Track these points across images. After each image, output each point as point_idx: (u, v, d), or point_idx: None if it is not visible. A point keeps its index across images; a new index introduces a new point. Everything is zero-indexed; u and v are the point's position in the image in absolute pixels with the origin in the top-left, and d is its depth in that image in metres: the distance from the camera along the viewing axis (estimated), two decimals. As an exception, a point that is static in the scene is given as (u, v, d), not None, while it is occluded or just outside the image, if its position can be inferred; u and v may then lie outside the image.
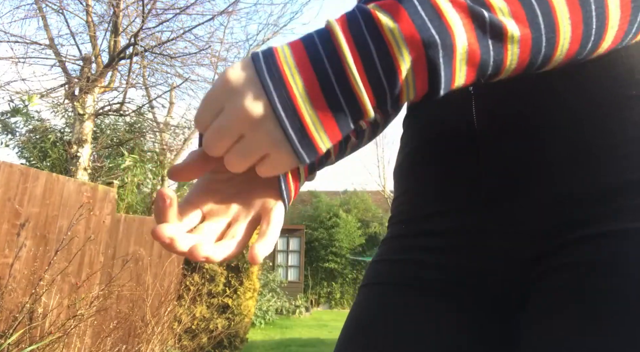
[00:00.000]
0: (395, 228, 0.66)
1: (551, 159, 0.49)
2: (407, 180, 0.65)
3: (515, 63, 0.39)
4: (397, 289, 0.59)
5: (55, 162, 7.76)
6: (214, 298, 5.22)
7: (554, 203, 0.49)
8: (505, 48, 0.38)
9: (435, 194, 0.59)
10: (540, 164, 0.50)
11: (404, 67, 0.36)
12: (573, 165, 0.48)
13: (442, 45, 0.36)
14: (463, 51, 0.37)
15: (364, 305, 0.63)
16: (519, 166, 0.51)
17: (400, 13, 0.36)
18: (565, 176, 0.49)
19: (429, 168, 0.60)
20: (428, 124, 0.62)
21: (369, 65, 0.36)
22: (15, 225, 2.87)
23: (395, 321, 0.57)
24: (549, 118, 0.50)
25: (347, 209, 15.12)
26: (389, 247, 0.65)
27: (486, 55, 0.37)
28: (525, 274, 0.51)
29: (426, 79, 0.37)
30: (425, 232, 0.59)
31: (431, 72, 0.37)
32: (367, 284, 0.64)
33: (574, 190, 0.48)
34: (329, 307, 13.91)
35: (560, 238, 0.48)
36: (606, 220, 0.46)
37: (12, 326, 2.39)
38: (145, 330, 3.70)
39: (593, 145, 0.48)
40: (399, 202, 0.66)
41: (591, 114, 0.48)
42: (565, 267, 0.47)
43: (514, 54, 0.38)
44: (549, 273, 0.48)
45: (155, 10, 6.31)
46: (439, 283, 0.57)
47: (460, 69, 0.38)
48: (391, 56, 0.36)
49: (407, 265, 0.60)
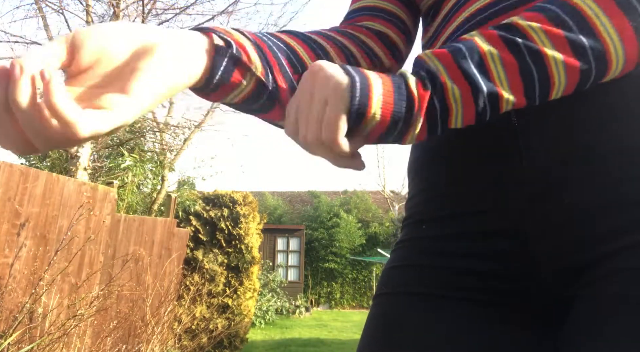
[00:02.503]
0: (413, 229, 0.60)
1: (599, 162, 0.47)
2: (429, 176, 0.59)
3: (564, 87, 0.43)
4: (436, 300, 0.54)
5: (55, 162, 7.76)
6: (214, 298, 5.22)
7: (600, 208, 0.46)
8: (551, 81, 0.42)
9: (467, 192, 0.54)
10: (587, 166, 0.47)
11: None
12: (621, 169, 0.46)
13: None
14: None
15: (393, 318, 0.56)
16: (565, 168, 0.48)
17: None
18: (613, 179, 0.46)
19: (459, 165, 0.55)
20: None
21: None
22: (15, 225, 2.87)
23: (440, 334, 0.52)
24: (597, 117, 0.47)
25: (348, 209, 15.11)
26: (411, 250, 0.59)
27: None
28: (568, 282, 0.48)
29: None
30: (458, 234, 0.54)
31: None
32: (393, 293, 0.58)
33: (621, 195, 0.45)
34: (329, 307, 13.91)
35: (607, 245, 0.45)
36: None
37: (12, 326, 2.39)
38: (145, 330, 3.70)
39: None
40: (417, 200, 0.61)
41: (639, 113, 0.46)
42: (614, 275, 0.44)
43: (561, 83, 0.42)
44: (596, 281, 0.45)
45: (155, 10, 6.31)
46: (479, 292, 0.52)
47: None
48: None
49: (441, 272, 0.55)
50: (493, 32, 0.42)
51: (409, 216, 0.62)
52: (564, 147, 0.48)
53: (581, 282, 0.47)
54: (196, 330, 4.91)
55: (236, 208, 5.72)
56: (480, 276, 0.52)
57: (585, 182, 0.47)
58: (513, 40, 0.41)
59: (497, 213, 0.51)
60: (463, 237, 0.54)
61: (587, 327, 0.45)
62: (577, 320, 0.46)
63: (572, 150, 0.47)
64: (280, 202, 16.01)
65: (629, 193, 0.45)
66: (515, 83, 0.42)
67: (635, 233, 0.44)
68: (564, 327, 0.48)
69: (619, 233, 0.45)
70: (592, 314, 0.45)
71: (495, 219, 0.51)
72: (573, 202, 0.47)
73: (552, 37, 0.41)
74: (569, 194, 0.47)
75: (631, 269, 0.43)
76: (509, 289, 0.51)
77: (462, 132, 0.54)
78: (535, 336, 0.51)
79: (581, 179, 0.47)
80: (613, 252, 0.45)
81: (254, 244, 5.71)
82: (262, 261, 9.54)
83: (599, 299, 0.45)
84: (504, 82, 0.42)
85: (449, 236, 0.55)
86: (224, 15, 7.09)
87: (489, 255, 0.52)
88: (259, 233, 6.00)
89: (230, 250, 5.53)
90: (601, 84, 0.45)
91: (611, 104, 0.47)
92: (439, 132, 0.45)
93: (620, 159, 0.46)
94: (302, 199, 16.84)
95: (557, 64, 0.41)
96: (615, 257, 0.45)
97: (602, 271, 0.45)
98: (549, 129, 0.48)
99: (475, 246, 0.53)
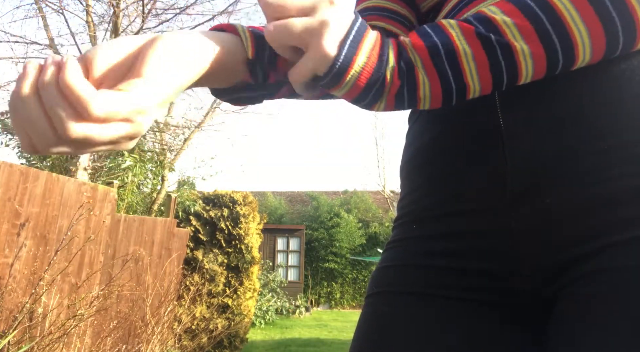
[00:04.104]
0: (404, 229, 0.61)
1: (581, 162, 0.47)
2: (418, 177, 0.60)
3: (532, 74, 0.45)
4: (425, 298, 0.55)
5: (55, 162, 7.76)
6: (214, 298, 5.23)
7: (585, 206, 0.46)
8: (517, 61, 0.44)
9: (454, 192, 0.55)
10: (572, 163, 0.47)
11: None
12: (602, 170, 0.46)
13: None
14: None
15: (385, 317, 0.57)
16: (549, 165, 0.48)
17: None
18: (594, 179, 0.46)
19: (446, 165, 0.56)
20: (442, 119, 0.58)
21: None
22: (15, 225, 2.87)
23: (432, 334, 0.53)
24: (582, 114, 0.48)
25: (348, 209, 15.12)
26: (403, 250, 0.60)
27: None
28: (551, 282, 0.49)
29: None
30: (445, 234, 0.55)
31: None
32: (383, 292, 0.59)
33: (602, 195, 0.46)
34: (329, 307, 13.91)
35: (593, 243, 0.46)
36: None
37: (12, 326, 2.39)
38: (145, 330, 3.70)
39: (629, 143, 0.46)
40: (407, 201, 0.61)
41: (628, 109, 0.46)
42: (594, 275, 0.45)
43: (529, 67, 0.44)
44: (582, 279, 0.46)
45: (155, 10, 6.31)
46: (467, 291, 0.53)
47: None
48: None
49: (429, 271, 0.56)
50: (470, 28, 0.44)
51: (400, 217, 0.63)
52: (548, 147, 0.48)
53: (562, 282, 0.48)
54: (196, 330, 4.91)
55: (236, 208, 5.72)
56: (468, 275, 0.53)
57: (567, 183, 0.47)
58: (487, 37, 0.43)
59: (483, 213, 0.52)
60: (451, 237, 0.55)
61: (566, 330, 0.45)
62: (558, 320, 0.47)
63: (555, 150, 0.48)
64: (280, 202, 16.01)
65: (609, 193, 0.46)
66: (485, 78, 0.45)
67: (615, 233, 0.45)
68: (546, 327, 0.49)
69: (600, 233, 0.46)
70: (570, 316, 0.46)
71: (481, 219, 0.52)
72: (555, 202, 0.48)
73: (524, 31, 0.43)
74: (551, 194, 0.48)
75: (611, 269, 0.44)
76: (496, 287, 0.52)
77: (449, 133, 0.56)
78: (520, 334, 0.52)
79: (563, 179, 0.48)
80: (593, 252, 0.46)
81: (254, 244, 5.71)
82: (262, 261, 9.54)
83: (577, 300, 0.46)
84: (474, 78, 0.45)
85: (437, 235, 0.56)
86: (224, 15, 7.09)
87: (476, 254, 0.53)
88: (259, 233, 6.00)
89: (230, 250, 5.53)
90: (586, 84, 0.47)
91: (597, 104, 0.47)
92: (405, 109, 0.49)
93: (601, 159, 0.46)
94: (302, 199, 16.84)
95: (526, 57, 0.44)
96: (595, 257, 0.45)
97: (581, 270, 0.46)
98: (533, 129, 0.49)
99: (463, 245, 0.54)
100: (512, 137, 0.50)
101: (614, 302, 0.43)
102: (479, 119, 0.53)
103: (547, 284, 0.50)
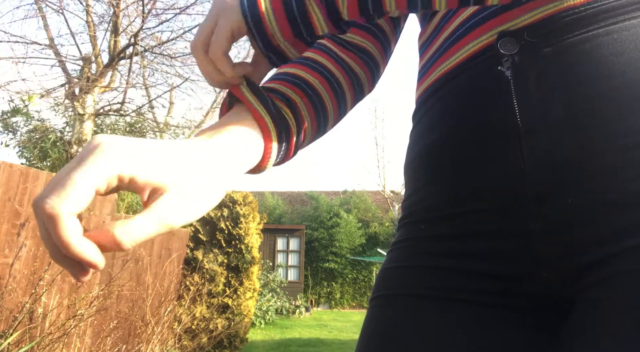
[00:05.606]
0: (411, 229, 0.58)
1: (603, 162, 0.44)
2: (426, 176, 0.57)
3: None
4: (434, 301, 0.53)
5: (55, 162, 7.76)
6: (214, 298, 5.23)
7: (604, 209, 0.44)
8: None
9: (467, 192, 0.52)
10: (595, 162, 0.45)
11: None
12: (626, 169, 0.44)
13: None
14: None
15: (392, 319, 0.55)
16: (569, 168, 0.46)
17: None
18: (617, 180, 0.44)
19: (457, 164, 0.53)
20: (452, 116, 0.54)
21: None
22: (15, 225, 2.87)
23: (441, 337, 0.51)
24: (602, 111, 0.45)
25: (347, 209, 15.12)
26: (411, 251, 0.57)
27: None
28: (571, 284, 0.47)
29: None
30: (456, 234, 0.53)
31: None
32: (391, 294, 0.57)
33: (626, 195, 0.43)
34: (329, 307, 13.92)
35: (614, 244, 0.44)
36: None
37: (12, 326, 2.39)
38: (145, 330, 3.70)
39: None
40: (413, 200, 0.59)
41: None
42: (616, 277, 0.43)
43: None
44: (601, 282, 0.44)
45: (155, 10, 6.31)
46: (479, 293, 0.51)
47: None
48: None
49: (440, 273, 0.53)
50: None
51: (405, 216, 0.60)
52: (568, 147, 0.46)
53: (583, 284, 0.46)
54: (196, 330, 4.91)
55: (236, 208, 5.72)
56: (479, 277, 0.51)
57: (589, 182, 0.45)
58: None
59: (499, 213, 0.49)
60: (462, 238, 0.52)
61: (585, 332, 0.44)
62: (574, 325, 0.45)
63: (576, 150, 0.46)
64: (280, 202, 16.01)
65: (633, 193, 0.44)
66: None
67: (637, 235, 0.42)
68: (563, 330, 0.47)
69: (622, 234, 0.43)
70: (588, 320, 0.44)
71: (497, 219, 0.50)
72: (577, 202, 0.45)
73: None
74: (574, 193, 0.46)
75: (631, 272, 0.42)
76: (510, 290, 0.50)
77: (460, 130, 0.52)
78: (535, 337, 0.50)
79: (585, 179, 0.45)
80: (614, 254, 0.44)
81: (254, 244, 5.71)
82: (262, 261, 9.54)
83: (596, 304, 0.44)
84: None
85: (448, 236, 0.53)
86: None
87: (489, 255, 0.50)
88: (259, 233, 6.00)
89: (230, 250, 5.53)
90: (604, 85, 0.45)
91: (617, 102, 0.45)
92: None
93: (625, 158, 0.44)
94: (301, 199, 16.83)
95: None
96: (616, 259, 0.43)
97: (604, 273, 0.44)
98: (552, 129, 0.47)
99: (475, 246, 0.51)
100: (530, 134, 0.47)
101: (634, 308, 0.41)
102: (493, 116, 0.50)
103: (564, 287, 0.48)
